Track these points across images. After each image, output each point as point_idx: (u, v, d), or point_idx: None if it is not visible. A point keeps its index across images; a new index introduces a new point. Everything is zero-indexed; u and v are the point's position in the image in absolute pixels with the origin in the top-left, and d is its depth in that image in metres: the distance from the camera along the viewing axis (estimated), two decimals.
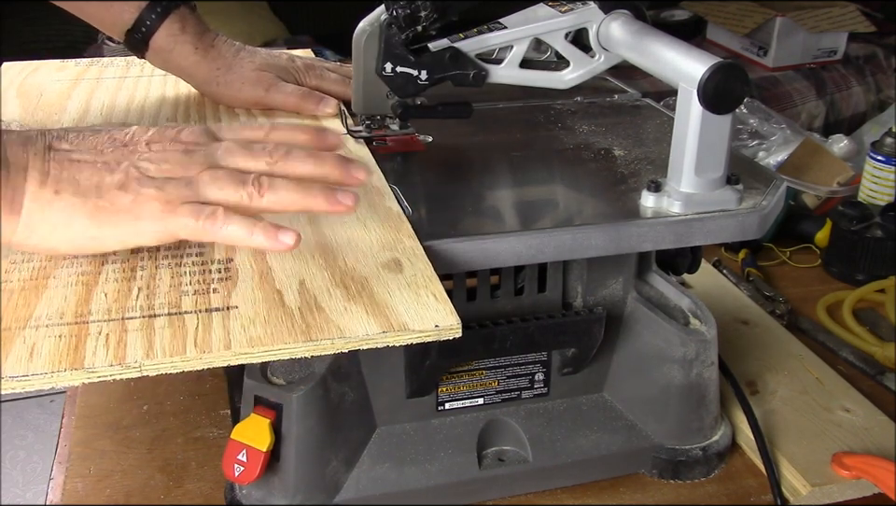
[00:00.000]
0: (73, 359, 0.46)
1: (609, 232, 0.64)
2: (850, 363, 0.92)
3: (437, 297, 0.53)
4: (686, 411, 0.74)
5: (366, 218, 0.62)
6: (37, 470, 2.07)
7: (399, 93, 0.72)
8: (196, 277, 0.54)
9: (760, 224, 0.68)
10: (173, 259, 0.56)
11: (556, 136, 0.82)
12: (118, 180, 0.52)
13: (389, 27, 0.68)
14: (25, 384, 0.45)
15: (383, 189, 0.67)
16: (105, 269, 0.54)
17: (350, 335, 0.49)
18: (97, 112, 0.85)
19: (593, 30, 0.74)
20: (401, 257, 0.57)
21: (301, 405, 0.64)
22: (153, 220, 0.52)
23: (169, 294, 0.52)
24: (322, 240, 0.59)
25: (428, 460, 0.70)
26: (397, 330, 0.50)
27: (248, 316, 0.50)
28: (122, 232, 0.52)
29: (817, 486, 0.72)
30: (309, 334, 0.49)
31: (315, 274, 0.55)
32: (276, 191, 0.53)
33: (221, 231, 0.52)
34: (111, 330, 0.48)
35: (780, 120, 1.47)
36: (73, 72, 0.98)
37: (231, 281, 0.54)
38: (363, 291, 0.53)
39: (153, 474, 0.74)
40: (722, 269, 1.10)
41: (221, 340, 0.48)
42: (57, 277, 0.53)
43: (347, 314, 0.51)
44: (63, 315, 0.50)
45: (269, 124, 0.59)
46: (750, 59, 2.66)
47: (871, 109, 2.67)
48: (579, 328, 0.69)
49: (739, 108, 1.09)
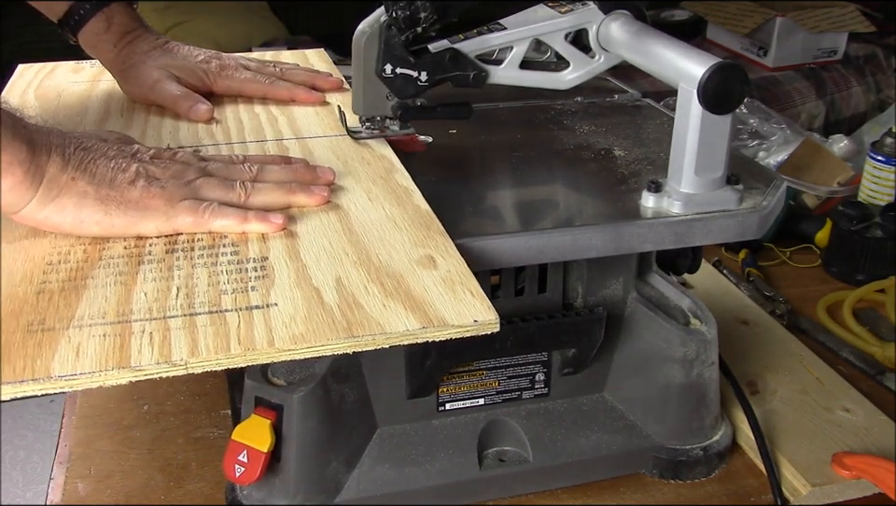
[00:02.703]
0: (119, 358, 0.46)
1: (610, 233, 0.64)
2: (850, 363, 0.92)
3: (473, 293, 0.53)
4: (686, 411, 0.74)
5: (395, 216, 0.62)
6: (37, 470, 2.07)
7: (399, 95, 0.72)
8: (233, 276, 0.55)
9: (760, 224, 0.68)
10: (208, 258, 0.57)
11: (556, 137, 0.82)
12: (128, 177, 0.59)
13: (389, 28, 0.68)
14: (73, 383, 0.45)
15: (409, 187, 0.67)
16: (142, 269, 0.55)
17: (391, 331, 0.49)
18: (117, 113, 0.85)
19: (592, 30, 0.74)
20: (434, 253, 0.57)
21: (301, 406, 0.65)
22: (157, 213, 0.59)
23: (208, 293, 0.53)
24: (354, 238, 0.59)
25: (429, 461, 0.70)
26: (436, 326, 0.50)
27: (289, 314, 0.51)
28: (127, 221, 0.58)
29: (817, 486, 0.72)
30: (351, 331, 0.49)
31: (351, 271, 0.55)
32: (261, 192, 0.63)
33: (217, 221, 0.60)
34: (154, 329, 0.49)
35: (780, 120, 1.47)
36: (89, 73, 0.98)
37: (269, 279, 0.54)
38: (399, 288, 0.53)
39: (153, 475, 0.74)
40: (722, 269, 1.10)
41: (264, 337, 0.49)
42: (95, 278, 0.54)
43: (386, 310, 0.51)
44: (105, 314, 0.50)
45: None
46: (750, 59, 2.66)
47: (871, 109, 2.66)
48: (579, 328, 0.69)
49: (739, 108, 1.09)
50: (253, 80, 0.89)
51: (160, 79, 0.86)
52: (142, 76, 0.86)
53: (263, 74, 0.90)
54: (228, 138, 0.78)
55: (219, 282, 0.54)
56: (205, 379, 0.85)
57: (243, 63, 0.92)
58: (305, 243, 0.59)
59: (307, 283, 0.54)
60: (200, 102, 0.84)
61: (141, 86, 0.87)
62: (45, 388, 0.45)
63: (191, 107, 0.83)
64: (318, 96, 0.88)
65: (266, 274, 0.55)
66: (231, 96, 0.90)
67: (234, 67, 0.90)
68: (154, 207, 0.59)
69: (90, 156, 0.59)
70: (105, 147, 0.61)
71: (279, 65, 0.93)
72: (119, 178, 0.59)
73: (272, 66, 0.92)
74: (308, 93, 0.88)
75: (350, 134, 0.77)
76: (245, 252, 0.58)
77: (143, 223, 0.59)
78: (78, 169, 0.58)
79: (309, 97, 0.88)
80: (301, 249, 0.58)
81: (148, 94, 0.86)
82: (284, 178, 0.65)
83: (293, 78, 0.90)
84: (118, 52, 0.87)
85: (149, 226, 0.59)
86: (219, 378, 0.86)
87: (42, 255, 0.57)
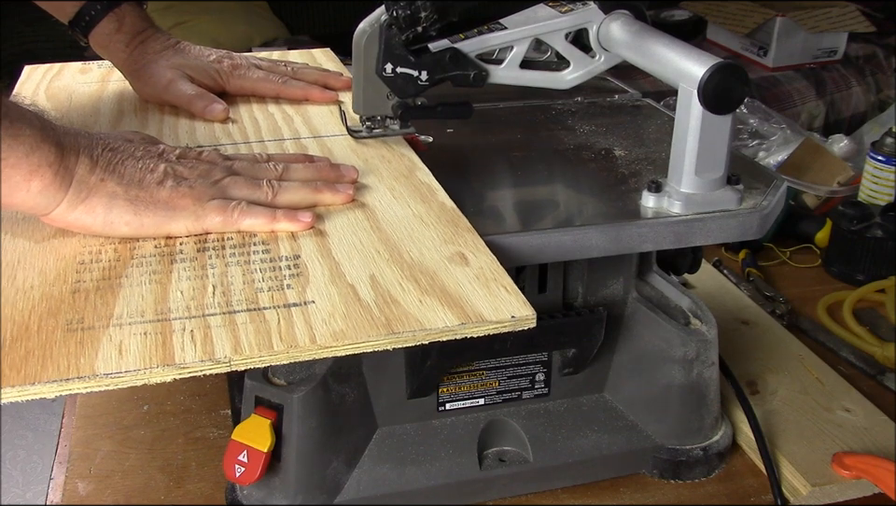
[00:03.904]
0: (163, 356, 0.47)
1: (610, 233, 0.64)
2: (850, 363, 0.92)
3: (507, 289, 0.53)
4: (686, 411, 0.74)
5: (421, 214, 0.63)
6: (37, 470, 2.07)
7: (400, 94, 0.72)
8: (267, 274, 0.55)
9: (760, 224, 0.68)
10: (240, 256, 0.57)
11: (557, 136, 0.82)
12: (157, 177, 0.59)
13: (389, 28, 0.68)
14: (118, 380, 0.46)
15: (433, 185, 0.68)
16: (176, 268, 0.56)
17: (430, 327, 0.50)
18: (131, 114, 0.85)
19: (593, 30, 0.74)
20: (464, 250, 0.58)
21: (301, 406, 0.65)
22: (186, 212, 0.59)
23: (244, 291, 0.53)
24: (383, 236, 0.60)
25: (429, 461, 0.70)
26: (475, 322, 0.50)
27: (327, 311, 0.51)
28: (157, 221, 0.59)
29: (817, 486, 0.72)
30: (390, 327, 0.50)
31: (384, 269, 0.56)
32: (288, 190, 0.63)
33: (247, 220, 0.60)
34: (195, 327, 0.49)
35: (780, 120, 1.47)
36: (97, 74, 0.98)
37: (303, 277, 0.55)
38: (434, 284, 0.54)
39: (153, 475, 0.74)
40: (723, 269, 1.10)
41: (305, 334, 0.49)
42: (129, 277, 0.55)
43: (423, 306, 0.52)
44: (143, 313, 0.51)
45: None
46: (750, 59, 2.66)
47: (871, 109, 2.66)
48: (579, 328, 0.69)
49: (739, 108, 1.09)
50: (266, 80, 0.89)
51: (173, 79, 0.86)
52: (155, 75, 0.86)
53: (276, 73, 0.90)
54: (245, 137, 0.79)
55: (254, 280, 0.54)
56: (205, 379, 0.85)
57: (254, 63, 0.92)
58: (335, 241, 0.59)
59: (342, 280, 0.54)
60: (215, 101, 0.84)
61: (154, 86, 0.87)
62: (89, 386, 0.45)
63: (206, 107, 0.83)
64: (332, 95, 0.88)
65: (300, 273, 0.55)
66: (244, 96, 0.90)
67: (247, 67, 0.90)
68: (183, 207, 0.59)
69: (117, 157, 0.59)
70: (132, 147, 0.61)
71: (290, 64, 0.93)
72: (147, 179, 0.59)
73: (283, 66, 0.92)
74: (322, 92, 0.88)
75: (350, 134, 0.77)
76: (276, 250, 0.58)
77: (172, 223, 0.59)
78: (107, 170, 0.58)
79: (323, 96, 0.88)
80: (332, 247, 0.58)
81: (162, 94, 0.86)
82: (309, 177, 0.65)
83: (306, 77, 0.90)
84: (130, 53, 0.87)
85: (179, 226, 0.59)
86: (219, 378, 0.86)
87: (72, 254, 0.57)
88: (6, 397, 0.44)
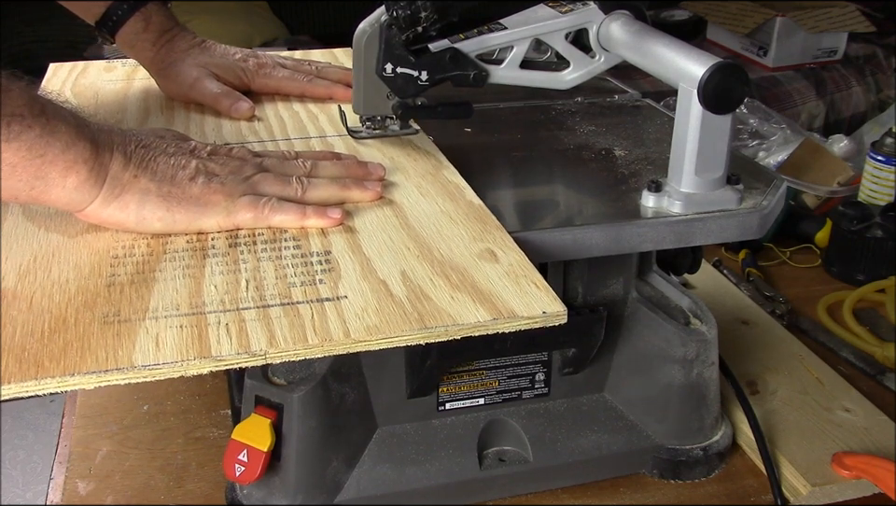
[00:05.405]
0: (200, 348, 0.47)
1: (610, 232, 0.64)
2: (850, 363, 0.92)
3: (538, 285, 0.54)
4: (686, 411, 0.74)
5: (449, 211, 0.63)
6: (37, 470, 2.07)
7: (400, 94, 0.72)
8: (299, 269, 0.56)
9: (760, 224, 0.68)
10: (272, 252, 0.58)
11: (557, 136, 0.82)
12: (188, 174, 0.60)
13: (389, 28, 0.68)
14: (156, 372, 0.46)
15: (460, 183, 0.68)
16: (208, 262, 0.56)
17: (463, 323, 0.50)
18: (157, 111, 0.86)
19: (593, 30, 0.74)
20: (493, 247, 0.58)
21: (301, 405, 0.65)
22: (217, 208, 0.60)
23: (277, 285, 0.54)
24: (412, 233, 0.60)
25: (429, 460, 0.70)
26: (507, 317, 0.51)
27: (360, 306, 0.51)
28: (189, 217, 0.59)
29: (817, 486, 0.72)
30: (423, 322, 0.50)
31: (415, 265, 0.56)
32: (317, 187, 0.64)
33: (277, 216, 0.61)
34: (230, 320, 0.50)
35: (780, 120, 1.47)
36: (122, 72, 0.99)
37: (335, 272, 0.55)
38: (465, 281, 0.54)
39: (154, 474, 0.74)
40: (723, 269, 1.10)
41: (339, 328, 0.49)
42: (163, 271, 0.55)
43: (455, 302, 0.52)
44: (178, 306, 0.51)
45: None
46: (750, 59, 2.66)
47: (871, 109, 2.66)
48: (579, 328, 0.69)
49: (739, 108, 1.09)
50: (291, 78, 0.90)
51: (199, 77, 0.86)
52: (182, 74, 0.87)
53: (300, 72, 0.91)
54: (272, 135, 0.79)
55: (286, 275, 0.55)
56: (205, 379, 0.85)
57: (279, 62, 0.92)
58: (365, 237, 0.60)
59: (373, 276, 0.55)
60: (241, 99, 0.85)
61: (181, 84, 0.87)
62: (128, 378, 0.46)
63: (233, 105, 0.84)
64: None
65: (332, 268, 0.56)
66: (268, 94, 0.90)
67: (272, 66, 0.91)
68: (215, 203, 0.60)
69: (150, 154, 0.60)
70: (164, 144, 0.62)
71: (314, 63, 0.93)
72: (179, 175, 0.60)
73: (307, 64, 0.93)
74: (346, 91, 0.88)
75: (350, 134, 0.77)
76: (307, 246, 0.59)
77: (204, 219, 0.60)
78: (140, 167, 0.59)
79: (347, 94, 0.87)
80: (363, 243, 0.59)
81: (189, 92, 0.87)
82: (337, 174, 0.66)
83: (330, 76, 0.91)
84: (156, 51, 0.88)
85: (210, 222, 0.60)
86: (219, 378, 0.86)
87: (105, 248, 0.58)
88: (46, 388, 0.45)
